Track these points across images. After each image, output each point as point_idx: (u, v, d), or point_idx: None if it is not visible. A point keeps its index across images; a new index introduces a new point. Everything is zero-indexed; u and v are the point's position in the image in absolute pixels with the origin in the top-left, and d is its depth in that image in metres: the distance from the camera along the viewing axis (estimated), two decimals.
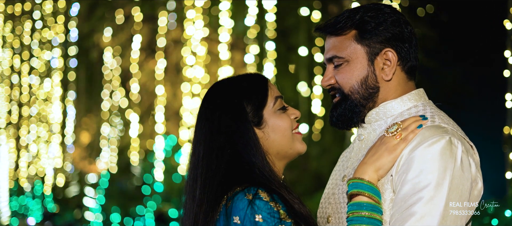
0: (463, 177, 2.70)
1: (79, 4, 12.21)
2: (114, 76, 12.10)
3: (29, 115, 12.97)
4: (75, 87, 12.76)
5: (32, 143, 13.06)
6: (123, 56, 12.15)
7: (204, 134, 2.95)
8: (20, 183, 13.73)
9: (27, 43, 12.73)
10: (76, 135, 13.32)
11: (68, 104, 12.69)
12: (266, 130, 2.98)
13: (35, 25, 12.51)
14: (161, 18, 11.31)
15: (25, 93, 13.00)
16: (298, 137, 3.05)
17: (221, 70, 10.66)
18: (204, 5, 10.77)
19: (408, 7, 11.16)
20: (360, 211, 2.72)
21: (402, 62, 2.96)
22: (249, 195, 2.73)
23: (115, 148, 12.63)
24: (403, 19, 2.99)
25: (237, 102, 2.96)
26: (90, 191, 13.24)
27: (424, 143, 2.71)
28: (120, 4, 11.84)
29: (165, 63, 11.47)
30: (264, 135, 2.97)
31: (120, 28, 12.01)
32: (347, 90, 2.96)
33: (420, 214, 2.62)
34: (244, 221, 2.70)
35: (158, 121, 11.56)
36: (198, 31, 10.68)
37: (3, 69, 13.23)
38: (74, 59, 12.45)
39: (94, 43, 12.44)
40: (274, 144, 2.98)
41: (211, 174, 2.86)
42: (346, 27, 2.95)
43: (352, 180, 2.80)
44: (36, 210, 14.46)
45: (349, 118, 2.99)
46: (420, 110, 2.93)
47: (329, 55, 3.01)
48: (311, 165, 10.95)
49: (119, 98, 12.23)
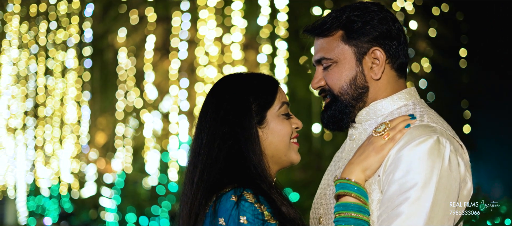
0: (451, 177, 2.67)
1: (93, 5, 12.24)
2: (128, 77, 12.11)
3: (44, 115, 13.03)
4: (90, 88, 12.80)
5: (47, 143, 13.12)
6: (137, 56, 12.16)
7: (208, 122, 2.97)
8: (37, 183, 13.80)
9: (42, 44, 12.79)
10: (92, 135, 13.36)
11: (82, 105, 12.73)
12: (265, 131, 2.99)
13: (50, 26, 12.57)
14: (175, 18, 11.31)
15: (41, 93, 13.05)
16: (294, 147, 3.05)
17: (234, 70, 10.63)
18: (217, 5, 10.75)
19: (422, 6, 11.07)
20: (347, 212, 2.71)
21: (391, 60, 2.93)
22: (234, 196, 2.74)
23: (130, 148, 12.66)
24: (391, 16, 2.95)
25: (245, 97, 2.98)
26: (106, 191, 13.29)
27: (412, 143, 2.68)
28: (134, 4, 11.86)
29: (179, 63, 11.47)
30: (263, 135, 2.98)
31: (134, 28, 12.02)
32: (336, 91, 2.94)
33: (406, 215, 2.60)
34: (229, 222, 2.71)
35: (172, 121, 11.56)
36: (210, 31, 10.67)
37: (19, 70, 13.31)
38: (88, 59, 12.49)
39: (109, 44, 12.46)
40: (270, 146, 2.99)
41: (210, 162, 2.89)
42: (332, 28, 2.93)
43: (339, 180, 2.78)
44: (53, 210, 14.54)
45: (340, 119, 2.97)
46: (410, 109, 2.90)
47: (317, 57, 2.99)
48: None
49: (133, 98, 12.25)
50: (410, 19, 11.03)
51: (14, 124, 13.63)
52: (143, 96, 12.15)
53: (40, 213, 14.83)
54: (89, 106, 12.86)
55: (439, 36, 11.42)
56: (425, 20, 11.33)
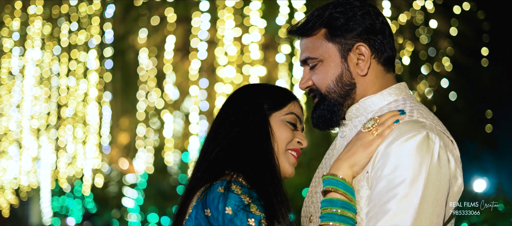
0: (440, 173, 2.62)
1: (114, 6, 12.28)
2: (149, 77, 12.15)
3: (67, 116, 13.11)
4: (111, 88, 12.85)
5: (69, 143, 13.20)
6: (158, 57, 12.19)
7: (226, 116, 3.05)
8: (60, 184, 13.90)
9: (64, 45, 12.86)
10: (113, 135, 13.42)
11: (103, 105, 12.78)
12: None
13: (71, 27, 12.63)
14: (195, 19, 11.32)
15: (64, 94, 13.13)
16: (290, 158, 3.05)
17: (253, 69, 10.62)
18: (235, 5, 10.74)
19: (443, 5, 10.98)
20: (332, 208, 2.68)
21: (377, 54, 2.88)
22: (221, 188, 2.78)
23: (152, 149, 12.70)
24: (374, 10, 2.91)
25: (257, 95, 3.06)
26: (129, 191, 13.35)
27: (400, 138, 2.64)
28: (155, 5, 11.88)
29: (199, 63, 11.48)
30: None
31: (154, 29, 12.05)
32: (324, 91, 2.91)
33: (394, 211, 2.56)
34: (214, 212, 2.74)
35: (192, 121, 11.57)
36: (229, 31, 10.66)
37: (42, 71, 13.41)
38: (109, 60, 12.53)
39: (130, 45, 12.51)
40: None
41: (220, 149, 2.96)
42: (315, 26, 2.90)
43: (326, 176, 2.75)
44: (76, 211, 14.64)
45: (329, 118, 2.94)
46: (400, 104, 2.85)
47: (303, 57, 2.97)
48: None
49: (154, 98, 12.28)
50: (431, 18, 10.94)
51: (38, 125, 13.74)
52: (163, 96, 12.18)
53: (64, 213, 14.95)
54: (110, 107, 12.91)
55: (460, 35, 11.33)
56: (446, 18, 11.24)
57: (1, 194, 15.84)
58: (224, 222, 2.71)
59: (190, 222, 2.85)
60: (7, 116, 14.28)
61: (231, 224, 2.70)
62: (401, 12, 10.63)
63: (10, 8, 13.49)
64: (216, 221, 2.74)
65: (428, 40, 11.10)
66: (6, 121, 14.33)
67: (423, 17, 10.91)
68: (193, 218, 2.83)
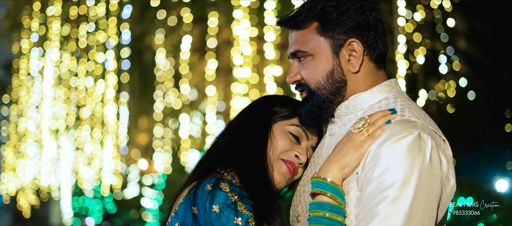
0: (432, 175, 2.55)
1: (131, 6, 12.28)
2: (166, 78, 12.13)
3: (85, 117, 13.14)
4: (128, 89, 12.85)
5: (87, 144, 13.24)
6: (175, 57, 12.17)
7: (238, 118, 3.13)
8: (80, 185, 13.96)
9: (82, 46, 12.89)
10: (131, 136, 13.42)
11: (121, 106, 12.79)
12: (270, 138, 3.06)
13: (88, 28, 12.65)
14: (211, 19, 11.28)
15: (82, 95, 13.17)
16: (282, 168, 3.02)
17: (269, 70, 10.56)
18: (251, 4, 10.68)
19: (460, 3, 10.85)
20: (320, 211, 2.62)
21: (369, 51, 2.81)
22: (209, 185, 2.76)
23: (169, 149, 12.69)
24: (368, 5, 2.84)
25: (270, 106, 3.09)
26: (148, 192, 13.37)
27: (391, 139, 2.57)
28: (171, 5, 11.85)
29: (216, 63, 11.44)
30: (268, 140, 3.05)
31: (171, 29, 12.02)
32: (313, 86, 2.84)
33: (384, 215, 2.49)
34: (201, 210, 2.73)
35: (209, 121, 11.55)
36: (245, 31, 10.60)
37: (61, 72, 13.46)
38: (127, 60, 12.53)
39: (147, 45, 12.49)
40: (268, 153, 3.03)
41: (223, 147, 3.02)
42: (307, 19, 2.83)
43: (315, 178, 2.69)
44: (96, 211, 14.70)
45: (317, 115, 2.87)
46: (391, 102, 2.78)
47: (292, 50, 2.90)
48: None
49: (172, 99, 12.27)
50: (448, 17, 10.81)
51: (57, 126, 13.80)
52: (180, 97, 12.16)
53: (84, 214, 15.02)
54: (128, 108, 12.91)
55: (477, 33, 11.20)
56: (464, 17, 11.11)
57: (22, 194, 15.97)
58: (211, 220, 2.69)
59: (175, 219, 2.82)
60: (27, 117, 14.38)
61: (217, 222, 2.68)
62: (416, 11, 10.50)
63: (29, 9, 13.56)
64: (203, 218, 2.72)
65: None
66: (25, 122, 14.43)
67: (440, 15, 10.78)
68: (179, 215, 2.82)
